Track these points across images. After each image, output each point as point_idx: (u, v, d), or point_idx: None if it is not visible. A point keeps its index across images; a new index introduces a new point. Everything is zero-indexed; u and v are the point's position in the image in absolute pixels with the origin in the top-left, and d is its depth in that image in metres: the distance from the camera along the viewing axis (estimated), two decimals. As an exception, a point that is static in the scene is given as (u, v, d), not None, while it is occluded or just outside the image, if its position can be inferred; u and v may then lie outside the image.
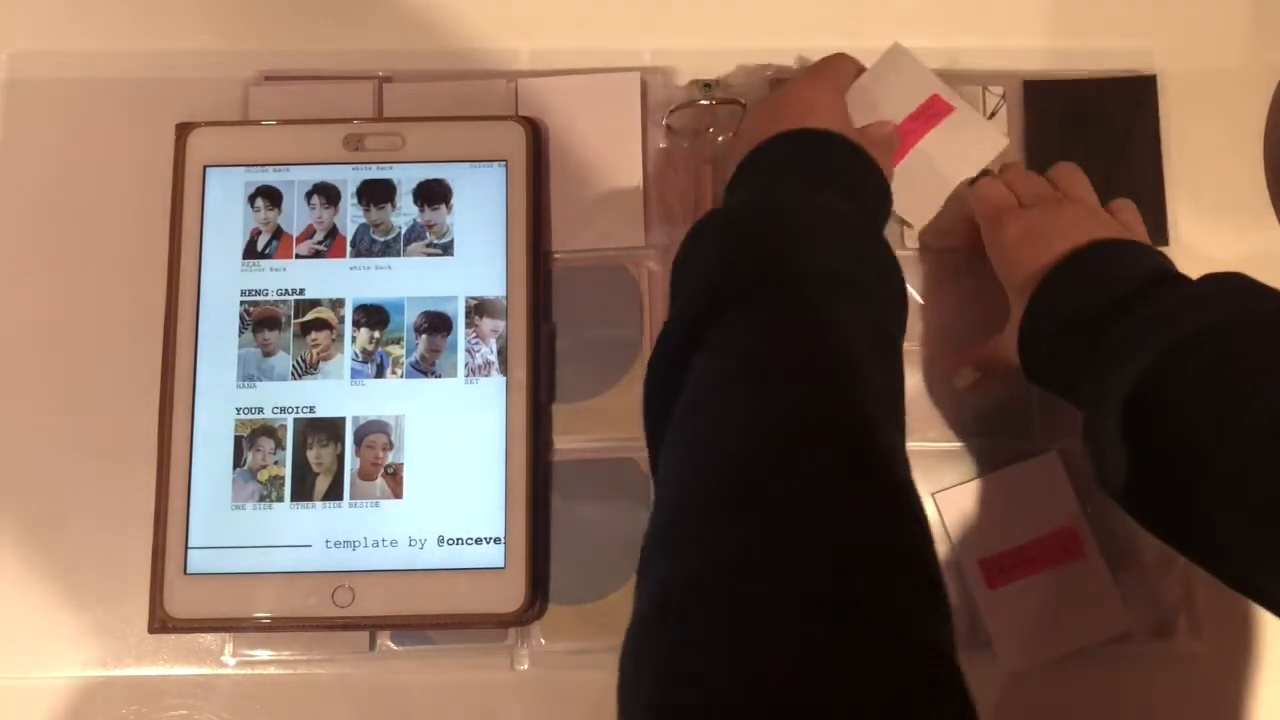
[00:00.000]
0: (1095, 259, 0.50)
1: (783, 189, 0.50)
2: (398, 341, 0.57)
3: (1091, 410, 0.47)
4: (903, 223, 0.60)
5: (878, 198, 0.52)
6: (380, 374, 0.57)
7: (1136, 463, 0.45)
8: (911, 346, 0.60)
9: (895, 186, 0.55)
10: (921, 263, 0.61)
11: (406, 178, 0.59)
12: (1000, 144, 0.60)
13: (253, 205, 0.58)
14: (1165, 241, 0.60)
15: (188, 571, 0.55)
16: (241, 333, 0.57)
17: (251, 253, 0.58)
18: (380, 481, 0.56)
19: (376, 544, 0.55)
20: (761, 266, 0.44)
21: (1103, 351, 0.46)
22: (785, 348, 0.41)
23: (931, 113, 0.60)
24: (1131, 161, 0.61)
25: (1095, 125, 0.61)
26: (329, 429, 0.56)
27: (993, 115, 0.62)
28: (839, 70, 0.57)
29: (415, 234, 0.58)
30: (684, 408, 0.41)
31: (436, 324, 0.57)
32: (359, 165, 0.59)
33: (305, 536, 0.55)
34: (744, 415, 0.39)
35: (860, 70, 0.59)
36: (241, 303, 0.57)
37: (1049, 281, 0.50)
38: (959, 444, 0.59)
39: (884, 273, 0.47)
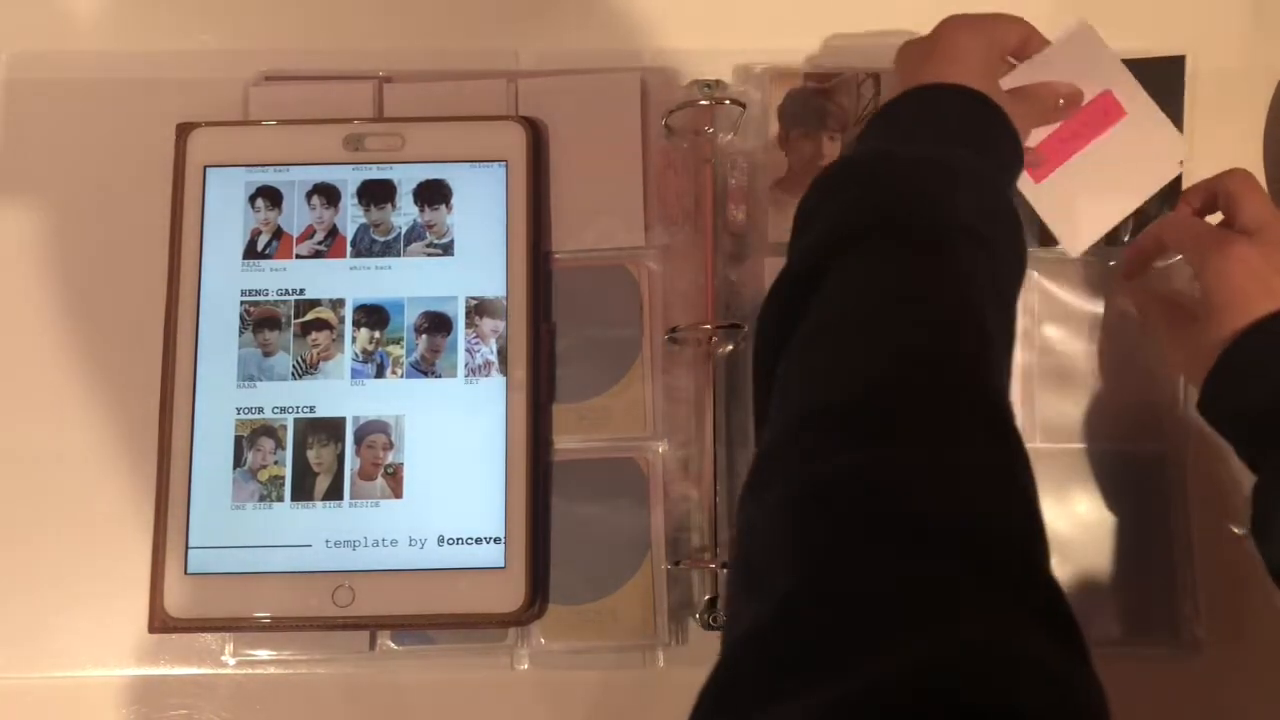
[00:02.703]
0: None
1: (912, 141, 0.49)
2: (398, 341, 0.57)
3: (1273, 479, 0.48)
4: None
5: (1008, 154, 0.51)
6: (380, 374, 0.57)
7: None
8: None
9: (1050, 200, 0.53)
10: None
11: (406, 178, 0.59)
12: (1172, 171, 0.55)
13: (253, 205, 0.58)
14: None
15: (188, 571, 0.55)
16: (241, 333, 0.57)
17: (252, 253, 0.58)
18: (380, 481, 0.56)
19: (376, 544, 0.55)
20: (885, 212, 0.45)
21: None
22: (909, 287, 0.42)
23: (1100, 113, 0.54)
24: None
25: None
26: (329, 429, 0.56)
27: None
28: (1001, 26, 0.55)
29: (415, 234, 0.58)
30: (806, 337, 0.42)
31: (436, 324, 0.57)
32: (359, 165, 0.59)
33: (305, 536, 0.55)
34: (875, 343, 0.40)
35: (1028, 36, 0.55)
36: (241, 303, 0.57)
37: (1263, 335, 0.50)
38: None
39: (1006, 231, 0.47)
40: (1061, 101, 0.55)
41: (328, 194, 0.59)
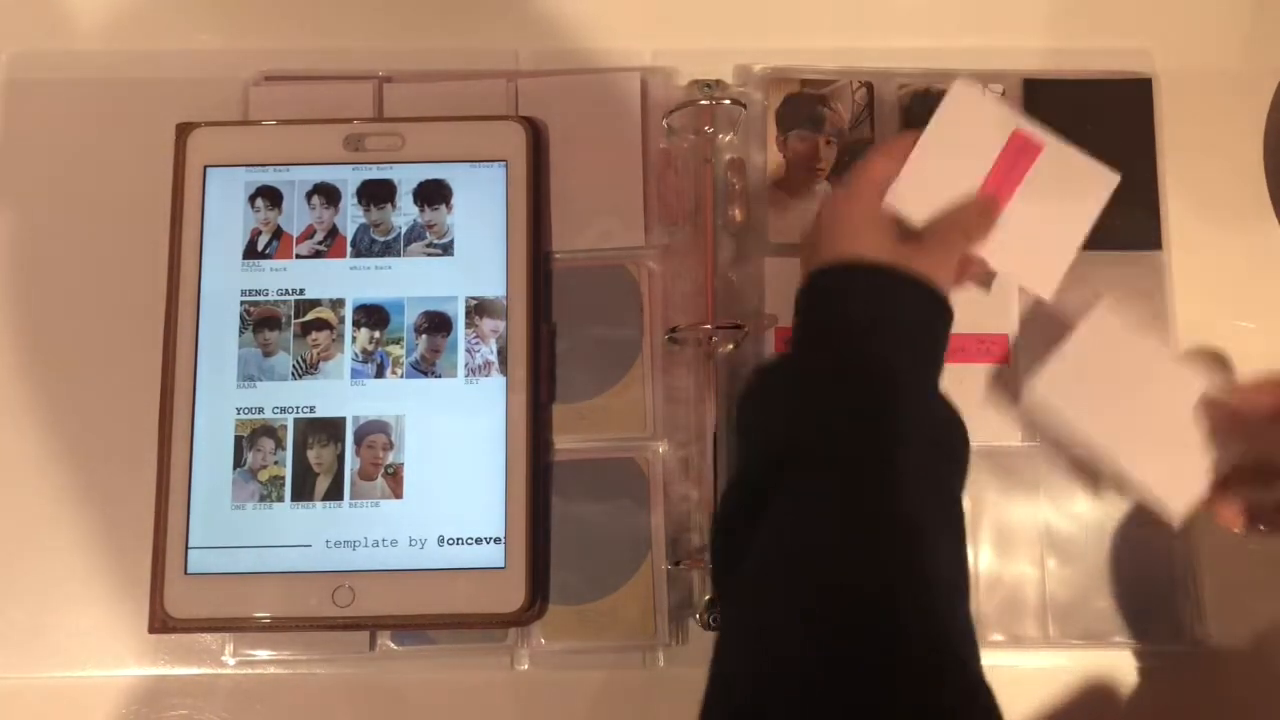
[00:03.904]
0: None
1: (834, 338, 0.49)
2: (398, 341, 0.57)
3: None
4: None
5: (935, 329, 0.49)
6: (380, 374, 0.57)
7: None
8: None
9: (1003, 253, 0.51)
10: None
11: (406, 178, 0.59)
12: (1112, 180, 0.53)
13: (253, 205, 0.58)
14: (1159, 245, 0.60)
15: (188, 571, 0.55)
16: (242, 333, 0.57)
17: (252, 253, 0.58)
18: (380, 481, 0.56)
19: (377, 544, 0.55)
20: (819, 433, 0.45)
21: None
22: (845, 524, 0.43)
23: (1018, 154, 0.52)
24: (1127, 162, 0.61)
25: (1093, 125, 0.61)
26: (329, 429, 0.56)
27: None
28: (867, 173, 0.52)
29: (415, 234, 0.58)
30: (746, 584, 0.43)
31: (436, 324, 0.57)
32: (359, 165, 0.59)
33: (305, 536, 0.55)
34: (806, 601, 0.41)
35: (892, 149, 0.52)
36: (242, 303, 0.57)
37: None
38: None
39: (941, 433, 0.47)
40: (984, 209, 0.52)
41: (328, 194, 0.59)
